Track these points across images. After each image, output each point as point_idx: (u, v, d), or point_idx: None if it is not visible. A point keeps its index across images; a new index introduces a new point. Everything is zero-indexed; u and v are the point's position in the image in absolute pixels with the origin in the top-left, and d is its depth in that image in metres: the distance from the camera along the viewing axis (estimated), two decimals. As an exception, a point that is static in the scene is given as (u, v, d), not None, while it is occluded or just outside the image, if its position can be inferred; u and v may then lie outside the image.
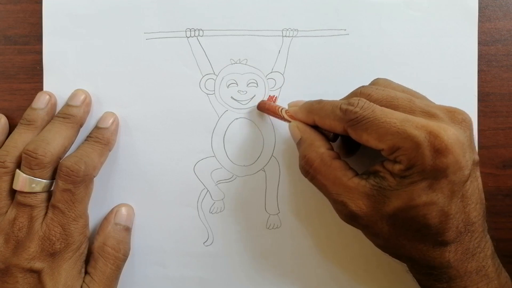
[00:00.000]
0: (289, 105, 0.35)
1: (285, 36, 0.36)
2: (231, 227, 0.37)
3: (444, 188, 0.28)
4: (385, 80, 0.33)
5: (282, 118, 0.34)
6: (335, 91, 0.36)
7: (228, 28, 0.36)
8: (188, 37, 0.36)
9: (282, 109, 0.34)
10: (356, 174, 0.30)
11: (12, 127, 0.36)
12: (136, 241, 0.37)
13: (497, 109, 0.37)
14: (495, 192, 0.37)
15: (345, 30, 0.37)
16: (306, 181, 0.37)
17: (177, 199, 0.37)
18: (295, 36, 0.37)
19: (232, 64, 0.37)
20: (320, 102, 0.32)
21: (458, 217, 0.28)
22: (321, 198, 0.37)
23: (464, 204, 0.29)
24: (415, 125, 0.27)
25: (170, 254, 0.37)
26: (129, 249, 0.36)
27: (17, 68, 0.37)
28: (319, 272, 0.37)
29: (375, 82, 0.33)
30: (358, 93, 0.31)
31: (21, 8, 0.37)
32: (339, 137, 0.33)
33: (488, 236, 0.31)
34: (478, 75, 0.37)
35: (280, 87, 0.37)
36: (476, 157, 0.29)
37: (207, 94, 0.37)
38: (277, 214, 0.37)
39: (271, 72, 0.37)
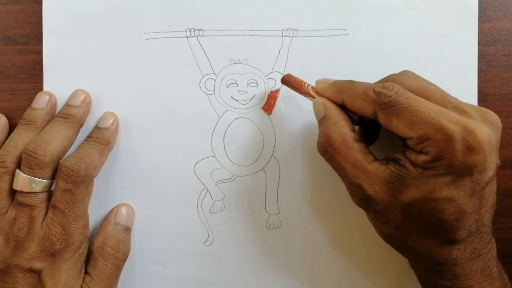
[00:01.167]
0: (317, 81, 0.33)
1: (285, 36, 0.36)
2: (231, 227, 0.37)
3: (466, 186, 0.27)
4: (414, 73, 0.31)
5: (307, 94, 0.33)
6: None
7: (228, 28, 0.36)
8: (188, 37, 0.36)
9: (308, 85, 0.33)
10: (376, 159, 0.30)
11: (12, 127, 0.36)
12: (136, 241, 0.37)
13: (497, 109, 0.37)
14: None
15: (345, 30, 0.37)
16: (306, 181, 0.37)
17: (177, 199, 0.37)
18: (295, 36, 0.37)
19: (232, 64, 0.37)
20: (351, 82, 0.31)
21: (473, 217, 0.28)
22: (321, 198, 0.37)
23: (481, 205, 0.28)
24: (449, 118, 0.27)
25: (170, 254, 0.37)
26: (129, 249, 0.36)
27: (17, 68, 0.37)
28: (320, 271, 0.37)
29: (404, 73, 0.31)
30: (391, 79, 0.30)
31: (21, 8, 0.37)
32: (359, 125, 0.33)
33: (493, 239, 0.31)
34: (478, 75, 0.37)
35: (280, 87, 0.37)
36: (499, 161, 0.29)
37: (207, 94, 0.37)
38: (277, 214, 0.37)
39: (271, 72, 0.37)
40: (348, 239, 0.37)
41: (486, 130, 0.27)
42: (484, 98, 0.37)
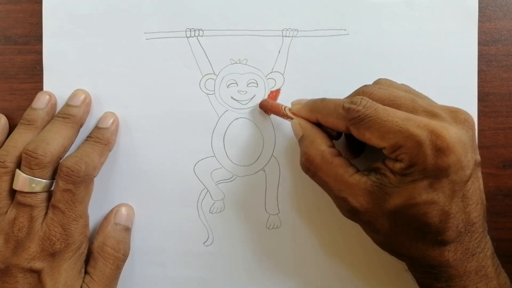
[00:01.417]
0: (292, 103, 0.35)
1: (285, 36, 0.36)
2: (231, 227, 0.37)
3: (445, 187, 0.28)
4: (387, 80, 0.33)
5: (285, 116, 0.34)
6: (335, 91, 0.36)
7: (228, 28, 0.36)
8: (188, 37, 0.36)
9: (285, 107, 0.35)
10: (357, 171, 0.31)
11: (12, 127, 0.36)
12: (136, 241, 0.37)
13: (497, 109, 0.37)
14: (495, 192, 0.37)
15: (345, 30, 0.37)
16: (306, 181, 0.37)
17: (177, 199, 0.37)
18: (295, 36, 0.37)
19: (232, 64, 0.37)
20: (323, 100, 0.32)
21: (459, 217, 0.28)
22: (321, 198, 0.37)
23: (464, 204, 0.29)
24: (417, 124, 0.28)
25: (170, 254, 0.37)
26: (129, 249, 0.36)
27: (17, 68, 0.37)
28: (319, 272, 0.37)
29: (377, 82, 0.33)
30: (361, 92, 0.31)
31: (21, 8, 0.37)
32: (345, 139, 0.33)
33: (488, 237, 0.31)
34: (478, 75, 0.37)
35: (280, 87, 0.37)
36: (478, 158, 0.29)
37: (207, 94, 0.37)
38: (277, 214, 0.37)
39: (271, 72, 0.37)
40: (348, 239, 0.37)
41: (454, 130, 0.27)
42: (484, 98, 0.37)
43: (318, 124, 0.33)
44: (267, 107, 0.36)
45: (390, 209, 0.29)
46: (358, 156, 0.34)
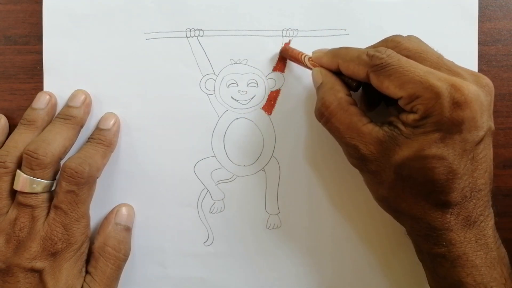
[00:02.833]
0: (313, 52, 0.34)
1: (285, 36, 0.36)
2: (231, 227, 0.37)
3: (456, 144, 0.28)
4: (418, 37, 0.32)
5: (304, 65, 0.34)
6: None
7: (228, 28, 0.36)
8: (188, 37, 0.36)
9: (305, 56, 0.34)
10: (371, 121, 0.31)
11: (12, 127, 0.36)
12: (136, 241, 0.37)
13: (497, 109, 0.37)
14: (495, 192, 0.37)
15: (345, 30, 0.37)
16: (306, 181, 0.37)
17: (177, 199, 0.37)
18: (295, 36, 0.37)
19: (232, 64, 0.37)
20: (346, 47, 0.32)
21: (466, 179, 0.28)
22: (321, 197, 0.37)
23: (473, 168, 0.29)
24: (438, 77, 0.28)
25: (170, 254, 0.37)
26: (129, 249, 0.36)
27: (17, 68, 0.37)
28: (319, 272, 0.37)
29: (408, 36, 0.32)
30: (390, 40, 0.31)
31: (21, 8, 0.37)
32: (362, 91, 0.34)
33: (491, 209, 0.30)
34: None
35: (280, 87, 0.37)
36: (492, 126, 0.29)
37: (207, 94, 0.37)
38: (277, 214, 0.37)
39: (271, 72, 0.37)
40: (348, 239, 0.37)
41: (473, 87, 0.28)
42: (484, 98, 0.37)
43: (338, 75, 0.33)
44: (287, 54, 0.36)
45: (398, 160, 0.29)
46: (372, 110, 0.34)
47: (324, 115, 0.32)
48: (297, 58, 0.35)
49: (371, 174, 0.31)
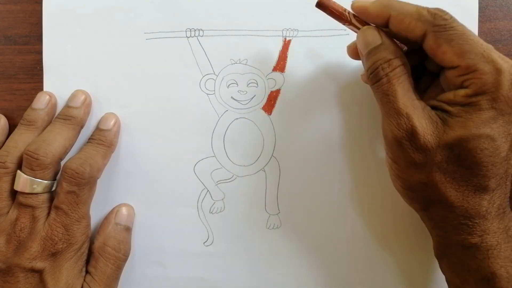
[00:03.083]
0: (354, 2, 0.31)
1: (285, 36, 0.36)
2: (231, 227, 0.37)
3: (504, 126, 0.27)
4: None
5: (348, 22, 0.31)
6: (335, 91, 0.36)
7: (228, 28, 0.36)
8: (188, 37, 0.36)
9: (349, 12, 0.31)
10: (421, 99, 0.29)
11: (12, 127, 0.36)
12: (136, 241, 0.37)
13: (497, 109, 0.37)
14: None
15: (345, 30, 0.36)
16: (306, 181, 0.37)
17: (177, 199, 0.37)
18: (295, 36, 0.37)
19: (232, 64, 0.37)
20: (399, 1, 0.29)
21: (504, 165, 0.28)
22: (321, 198, 0.37)
23: (510, 155, 0.28)
24: (500, 55, 0.27)
25: (170, 254, 0.37)
26: (129, 249, 0.36)
27: (17, 68, 0.37)
28: (319, 272, 0.37)
29: None
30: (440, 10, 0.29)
31: (21, 8, 0.37)
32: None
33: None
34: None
35: (280, 87, 0.37)
36: None
37: (207, 94, 0.37)
38: (277, 214, 0.37)
39: (271, 72, 0.37)
40: (348, 239, 0.37)
41: None
42: (484, 98, 0.37)
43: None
44: (327, 8, 0.31)
45: (449, 140, 0.27)
46: None
47: (387, 74, 0.28)
48: (340, 14, 0.31)
49: (413, 153, 0.28)
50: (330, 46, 0.36)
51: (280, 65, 0.37)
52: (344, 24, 0.31)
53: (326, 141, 0.37)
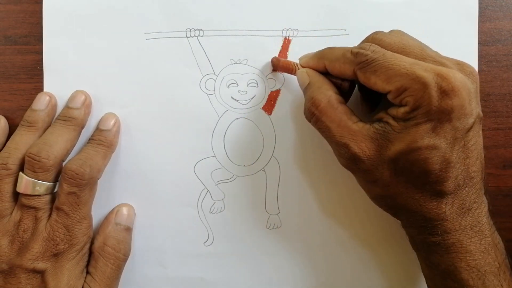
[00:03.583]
0: (300, 58, 0.35)
1: (285, 36, 0.36)
2: (231, 227, 0.37)
3: (447, 133, 0.28)
4: (400, 31, 0.32)
5: (295, 72, 0.35)
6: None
7: (228, 28, 0.36)
8: (188, 37, 0.36)
9: (295, 63, 0.35)
10: (361, 120, 0.31)
11: (12, 127, 0.36)
12: (136, 241, 0.37)
13: (497, 109, 0.37)
14: (495, 192, 0.38)
15: (345, 30, 0.37)
16: (306, 181, 0.37)
17: (177, 199, 0.37)
18: (295, 36, 0.37)
19: (232, 64, 0.37)
20: (331, 48, 0.33)
21: (458, 167, 0.29)
22: (321, 197, 0.37)
23: (464, 155, 0.29)
24: (424, 68, 0.28)
25: (170, 254, 0.37)
26: (129, 249, 0.36)
27: (17, 68, 0.37)
28: (319, 272, 0.37)
29: (390, 32, 0.32)
30: (370, 38, 0.31)
31: (21, 8, 0.37)
32: (359, 94, 0.34)
33: (484, 197, 0.31)
34: (478, 75, 0.37)
35: (280, 87, 0.37)
36: (480, 113, 0.30)
37: (207, 94, 0.37)
38: (277, 214, 0.37)
39: (271, 72, 0.37)
40: (348, 239, 0.37)
41: (459, 75, 0.28)
42: (484, 98, 0.37)
43: (326, 76, 0.33)
44: (278, 65, 0.36)
45: (391, 156, 0.29)
46: (374, 109, 0.34)
47: (314, 114, 0.31)
48: (289, 67, 0.35)
49: (363, 173, 0.31)
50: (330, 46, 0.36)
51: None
52: (294, 75, 0.35)
53: (326, 141, 0.37)
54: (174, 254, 0.37)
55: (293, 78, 0.36)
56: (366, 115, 0.34)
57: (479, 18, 0.37)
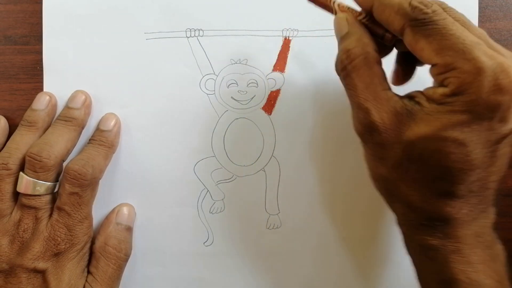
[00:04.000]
0: None
1: (285, 36, 0.36)
2: (231, 227, 0.37)
3: (482, 132, 0.24)
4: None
5: (333, 11, 0.30)
6: (335, 91, 0.36)
7: (228, 28, 0.36)
8: (188, 37, 0.36)
9: (334, 1, 0.30)
10: (390, 89, 0.27)
11: (12, 127, 0.36)
12: (137, 241, 0.37)
13: (497, 109, 0.37)
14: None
15: (345, 30, 0.36)
16: (306, 181, 0.37)
17: (177, 199, 0.37)
18: (295, 36, 0.37)
19: (232, 64, 0.37)
20: None
21: (479, 173, 0.25)
22: (321, 197, 0.37)
23: (490, 162, 0.25)
24: (486, 52, 0.24)
25: (170, 254, 0.37)
26: (130, 249, 0.36)
27: (17, 68, 0.37)
28: (319, 272, 0.37)
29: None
30: (439, 1, 0.27)
31: (21, 8, 0.37)
32: (396, 62, 0.31)
33: (493, 209, 0.28)
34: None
35: (280, 87, 0.37)
36: None
37: (207, 94, 0.37)
38: (277, 214, 0.37)
39: (271, 72, 0.37)
40: (348, 239, 0.37)
41: None
42: (484, 98, 0.37)
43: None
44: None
45: (411, 137, 0.25)
46: (404, 82, 0.31)
47: (346, 67, 0.28)
48: (327, 5, 0.30)
49: (375, 146, 0.27)
50: (330, 46, 0.36)
51: (280, 65, 0.37)
52: (330, 12, 0.31)
53: (326, 141, 0.37)
54: (174, 254, 0.37)
55: (293, 78, 0.36)
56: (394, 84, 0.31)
57: (479, 18, 0.37)
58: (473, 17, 0.36)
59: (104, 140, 0.35)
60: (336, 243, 0.37)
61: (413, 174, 0.26)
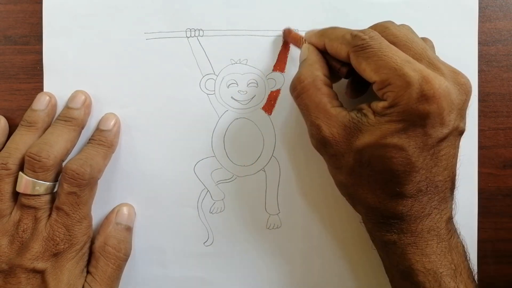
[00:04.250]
0: (306, 33, 0.34)
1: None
2: (231, 227, 0.37)
3: (418, 137, 0.28)
4: (409, 27, 0.32)
5: (301, 42, 0.34)
6: (335, 90, 0.36)
7: (228, 28, 0.36)
8: (188, 37, 0.36)
9: (303, 37, 0.34)
10: (341, 105, 0.31)
11: (12, 127, 0.36)
12: (137, 241, 0.37)
13: (497, 109, 0.38)
14: (495, 192, 0.37)
15: (345, 30, 0.37)
16: (306, 181, 0.37)
17: (177, 199, 0.37)
18: (295, 36, 0.37)
19: (232, 64, 0.37)
20: (334, 27, 0.32)
21: (423, 174, 0.29)
22: (321, 197, 0.37)
23: (432, 163, 0.29)
24: (413, 67, 0.28)
25: (170, 254, 0.37)
26: (130, 249, 0.36)
27: (17, 68, 0.37)
28: (319, 272, 0.37)
29: (400, 25, 0.32)
30: (379, 25, 0.31)
31: (21, 8, 0.37)
32: (349, 79, 0.33)
33: (450, 204, 0.31)
34: (478, 75, 0.37)
35: (280, 87, 0.37)
36: (463, 127, 0.29)
37: (207, 94, 0.37)
38: (277, 214, 0.37)
39: (271, 72, 0.37)
40: (348, 239, 0.37)
41: (445, 83, 0.28)
42: (484, 98, 0.37)
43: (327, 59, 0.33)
44: (289, 36, 0.36)
45: (359, 146, 0.29)
46: (357, 97, 0.34)
47: (296, 88, 0.31)
48: (297, 41, 0.34)
49: (330, 157, 0.31)
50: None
51: (280, 65, 0.37)
52: (299, 47, 0.34)
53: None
54: (174, 254, 0.37)
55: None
56: (349, 100, 0.34)
57: (479, 18, 0.37)
58: (473, 17, 0.36)
59: (104, 140, 0.35)
60: (336, 243, 0.37)
61: (367, 179, 0.30)
